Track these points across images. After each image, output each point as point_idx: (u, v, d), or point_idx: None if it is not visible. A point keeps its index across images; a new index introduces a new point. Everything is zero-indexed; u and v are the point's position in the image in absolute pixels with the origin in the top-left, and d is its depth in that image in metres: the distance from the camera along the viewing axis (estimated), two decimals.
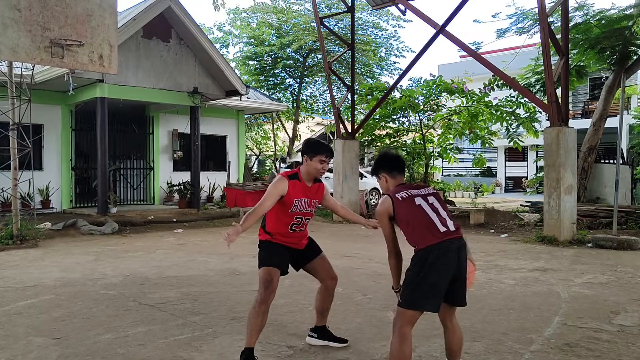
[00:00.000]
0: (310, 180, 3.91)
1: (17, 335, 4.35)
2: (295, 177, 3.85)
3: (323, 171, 3.86)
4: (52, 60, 7.60)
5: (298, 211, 3.81)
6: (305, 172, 3.87)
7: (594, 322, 4.66)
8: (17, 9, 7.18)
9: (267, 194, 3.73)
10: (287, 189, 3.75)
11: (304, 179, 3.87)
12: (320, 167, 3.82)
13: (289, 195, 3.75)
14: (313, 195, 3.91)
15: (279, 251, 3.84)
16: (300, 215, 3.84)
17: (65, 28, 7.63)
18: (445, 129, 15.67)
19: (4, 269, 7.27)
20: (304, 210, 3.84)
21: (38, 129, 13.17)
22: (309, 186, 3.89)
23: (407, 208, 3.28)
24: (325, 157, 3.82)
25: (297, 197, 3.78)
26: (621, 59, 13.70)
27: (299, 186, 3.82)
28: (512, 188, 29.37)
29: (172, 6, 13.03)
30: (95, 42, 7.98)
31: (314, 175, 3.87)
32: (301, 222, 3.87)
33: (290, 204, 3.77)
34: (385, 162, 3.55)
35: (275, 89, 24.83)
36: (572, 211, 9.79)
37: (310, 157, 3.83)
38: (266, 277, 3.68)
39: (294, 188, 3.78)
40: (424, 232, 3.21)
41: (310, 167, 3.83)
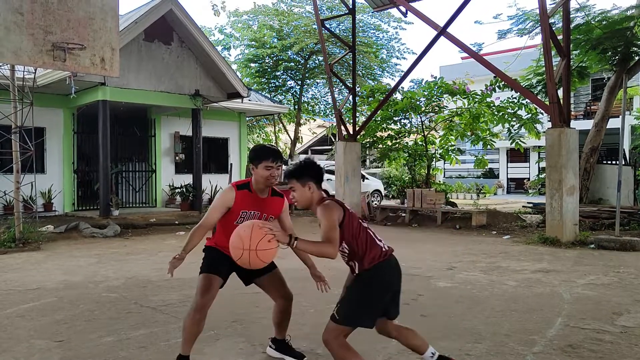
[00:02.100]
0: (265, 192, 3.57)
1: (19, 338, 4.35)
2: (245, 187, 3.54)
3: (272, 179, 3.47)
4: (54, 63, 7.63)
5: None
6: (255, 182, 3.53)
7: (596, 323, 4.64)
8: (20, 13, 7.20)
9: (212, 206, 3.50)
10: (235, 200, 3.46)
11: (256, 189, 3.53)
12: (267, 175, 3.44)
13: (235, 205, 3.46)
14: (266, 208, 3.56)
15: (221, 259, 3.56)
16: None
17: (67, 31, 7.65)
18: (447, 131, 15.67)
19: (6, 271, 7.28)
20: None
21: (40, 132, 13.21)
22: (262, 198, 3.56)
23: (355, 223, 3.17)
24: (272, 162, 3.44)
25: (244, 208, 3.48)
26: (623, 59, 13.69)
27: (248, 197, 3.51)
28: (514, 189, 29.32)
29: (174, 9, 13.06)
30: (97, 45, 8.01)
31: (263, 185, 3.51)
32: None
33: (236, 216, 3.47)
34: (315, 172, 3.22)
35: (276, 91, 24.85)
36: (574, 212, 9.78)
37: (255, 164, 3.48)
38: (204, 284, 3.48)
39: (242, 199, 3.48)
40: (372, 250, 3.16)
41: (257, 176, 3.49)
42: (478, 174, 29.96)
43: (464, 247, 9.53)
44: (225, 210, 3.48)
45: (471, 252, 9.00)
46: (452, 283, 6.47)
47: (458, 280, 6.59)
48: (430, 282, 6.50)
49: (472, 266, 7.61)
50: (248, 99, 16.06)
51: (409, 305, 5.34)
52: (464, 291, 6.01)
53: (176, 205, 15.42)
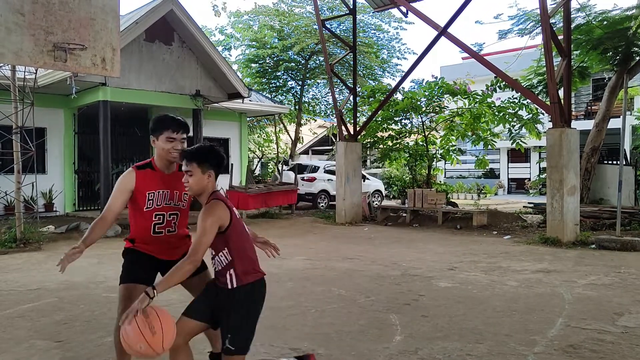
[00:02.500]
0: (170, 167, 3.20)
1: (19, 338, 4.35)
2: (147, 166, 3.18)
3: (175, 152, 3.11)
4: (55, 64, 7.63)
5: (156, 207, 3.12)
6: (157, 158, 3.18)
7: (597, 324, 4.64)
8: (21, 13, 7.21)
9: (112, 193, 3.11)
10: (136, 181, 3.08)
11: (159, 166, 3.18)
12: (169, 147, 3.09)
13: (138, 188, 3.08)
14: (176, 185, 3.15)
15: (141, 262, 3.15)
16: (160, 212, 3.14)
17: (68, 32, 7.65)
18: (448, 131, 15.66)
19: (7, 272, 7.29)
20: (165, 204, 3.15)
21: (41, 133, 13.22)
22: (169, 174, 3.18)
23: (241, 229, 2.87)
24: (174, 132, 3.10)
25: (150, 189, 3.10)
26: (624, 59, 13.68)
27: (152, 176, 3.13)
28: (515, 189, 29.31)
29: (174, 9, 13.07)
30: (98, 46, 8.01)
31: (166, 159, 3.14)
32: (164, 220, 3.15)
33: (143, 198, 3.09)
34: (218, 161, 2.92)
35: (277, 92, 24.85)
36: (575, 212, 9.77)
37: (156, 136, 3.12)
38: (124, 295, 3.08)
39: (145, 179, 3.11)
40: (252, 264, 2.86)
41: (158, 150, 3.13)
42: (479, 174, 29.96)
43: (465, 248, 9.52)
44: (127, 194, 3.08)
45: (472, 252, 8.99)
46: (453, 283, 6.46)
47: (459, 281, 6.58)
48: (431, 283, 6.49)
49: (473, 266, 7.61)
50: (249, 99, 16.07)
51: (410, 306, 5.34)
52: (464, 291, 6.00)
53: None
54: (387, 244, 10.01)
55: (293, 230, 12.35)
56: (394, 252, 8.97)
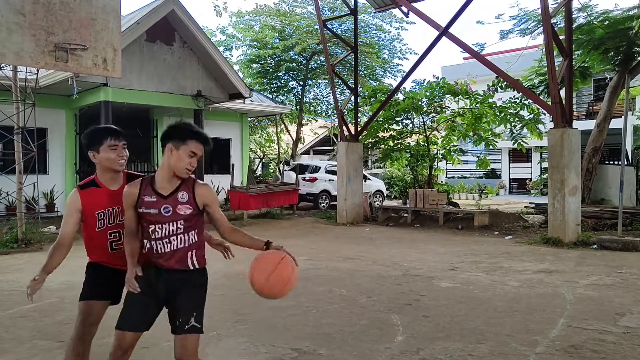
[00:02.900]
0: (116, 180, 3.06)
1: (22, 339, 4.36)
2: (90, 184, 3.03)
3: (121, 158, 3.05)
4: (56, 64, 7.62)
5: (108, 225, 3.01)
6: (101, 173, 3.05)
7: (599, 324, 4.63)
8: (22, 14, 7.21)
9: (63, 217, 3.04)
10: (81, 202, 2.96)
11: (104, 182, 3.05)
12: (114, 156, 3.01)
13: (86, 208, 2.97)
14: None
15: (102, 276, 3.15)
16: (115, 230, 3.03)
17: (69, 32, 7.65)
18: (449, 131, 15.66)
19: (9, 272, 7.30)
20: (118, 222, 3.01)
21: (42, 133, 13.23)
22: (116, 189, 3.01)
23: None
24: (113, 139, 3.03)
25: (98, 209, 2.98)
26: (625, 59, 13.67)
27: (97, 195, 3.00)
28: (517, 190, 29.29)
29: (176, 10, 13.08)
30: (99, 46, 8.01)
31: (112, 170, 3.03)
32: (121, 237, 3.02)
33: (93, 219, 2.98)
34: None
35: (278, 92, 24.85)
36: (576, 212, 9.76)
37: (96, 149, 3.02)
38: (83, 310, 3.08)
39: (91, 198, 2.98)
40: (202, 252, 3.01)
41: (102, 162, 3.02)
42: (480, 175, 29.95)
43: (466, 248, 9.52)
44: (77, 215, 2.98)
45: (473, 252, 8.99)
46: (454, 283, 6.46)
47: (460, 281, 6.58)
48: (432, 283, 6.49)
49: (474, 266, 7.60)
50: (250, 100, 16.08)
51: (412, 306, 5.34)
52: (466, 292, 6.00)
53: None
54: (388, 244, 10.01)
55: (294, 230, 12.35)
56: (396, 253, 8.97)
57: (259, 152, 27.51)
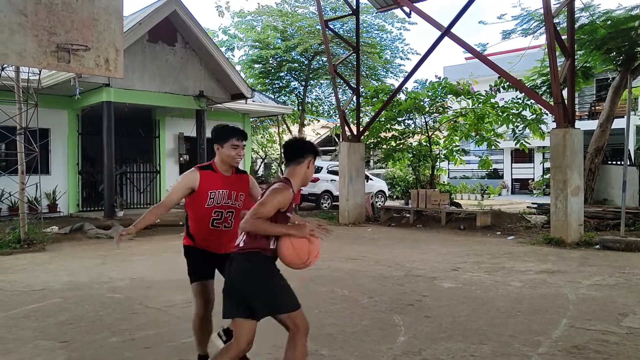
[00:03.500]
0: (229, 171, 3.56)
1: (25, 339, 4.36)
2: (208, 167, 3.55)
3: (238, 157, 3.52)
4: (58, 64, 7.64)
5: (216, 204, 3.47)
6: (219, 162, 3.55)
7: (602, 324, 4.62)
8: (24, 14, 7.23)
9: (174, 187, 3.52)
10: (199, 181, 3.44)
11: (221, 169, 3.54)
12: (234, 154, 3.48)
13: (201, 187, 3.44)
14: (234, 186, 3.53)
15: (204, 259, 3.54)
16: (219, 209, 3.48)
17: (71, 32, 7.67)
18: (451, 131, 15.64)
19: (11, 272, 7.31)
20: (224, 203, 3.49)
21: (45, 134, 13.25)
22: (228, 176, 3.54)
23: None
24: (238, 140, 3.52)
25: (212, 188, 3.45)
26: (627, 59, 13.64)
27: (214, 177, 3.49)
28: (519, 190, 29.24)
29: (178, 10, 13.09)
30: (102, 47, 8.02)
31: (228, 164, 3.53)
32: (222, 217, 3.49)
33: (204, 197, 3.45)
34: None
35: (280, 92, 24.85)
36: (579, 213, 9.74)
37: (221, 144, 3.52)
38: (198, 291, 3.52)
39: (208, 179, 3.47)
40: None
41: (222, 156, 3.51)
42: (482, 175, 29.91)
43: (469, 248, 9.50)
44: (187, 191, 3.44)
45: (476, 252, 8.98)
46: (456, 284, 6.45)
47: (462, 281, 6.57)
48: (434, 283, 6.48)
49: (476, 267, 7.59)
50: (252, 100, 16.08)
51: (414, 306, 5.34)
52: (468, 292, 5.99)
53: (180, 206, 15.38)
54: (390, 245, 10.00)
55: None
56: (397, 253, 8.96)
57: (261, 152, 27.52)
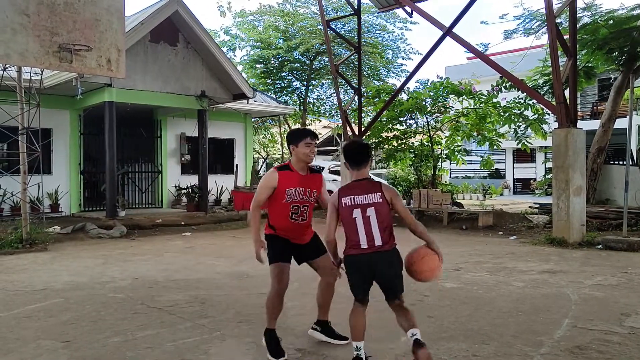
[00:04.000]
0: (304, 170, 3.98)
1: (26, 339, 4.36)
2: (285, 167, 3.97)
3: (312, 154, 3.94)
4: (60, 65, 7.66)
5: (293, 200, 3.90)
6: (295, 162, 3.96)
7: (604, 325, 4.61)
8: (26, 14, 7.24)
9: (259, 188, 3.96)
10: (278, 180, 3.87)
11: (297, 168, 3.96)
12: (308, 151, 3.91)
13: (280, 185, 3.87)
14: (309, 184, 3.98)
15: (284, 245, 3.99)
16: (296, 204, 3.92)
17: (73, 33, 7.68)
18: (453, 131, 15.62)
19: (13, 272, 7.31)
20: (300, 199, 3.93)
21: (47, 134, 13.27)
22: (304, 175, 3.97)
23: (345, 217, 3.57)
24: (310, 139, 3.93)
25: (289, 186, 3.88)
26: (630, 59, 13.61)
27: (290, 176, 3.92)
28: (521, 190, 29.21)
29: (180, 10, 13.10)
30: (103, 47, 8.03)
31: (304, 161, 3.94)
32: (299, 211, 3.95)
33: (283, 194, 3.87)
34: (346, 153, 3.71)
35: (282, 92, 24.86)
36: (581, 213, 9.72)
37: (296, 144, 3.92)
38: (277, 272, 3.89)
39: (285, 178, 3.89)
40: (348, 242, 3.58)
41: (299, 154, 3.92)
42: (484, 175, 29.88)
43: (471, 248, 9.50)
44: (271, 190, 3.90)
45: (477, 252, 8.97)
46: (458, 284, 6.44)
47: (464, 281, 6.56)
48: (436, 283, 6.47)
49: (478, 267, 7.58)
50: (254, 100, 16.09)
51: (415, 306, 5.32)
52: (470, 292, 5.99)
53: (182, 206, 15.45)
54: None
55: None
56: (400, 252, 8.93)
57: (263, 152, 27.52)
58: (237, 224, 13.72)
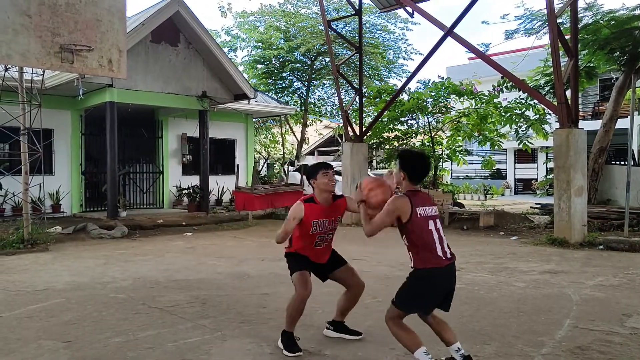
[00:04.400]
0: (328, 200, 4.20)
1: (28, 339, 4.37)
2: (310, 200, 4.20)
3: (331, 182, 4.16)
4: (62, 65, 7.66)
5: (318, 231, 4.15)
6: (318, 194, 4.19)
7: (605, 325, 4.61)
8: (27, 15, 7.25)
9: (287, 219, 4.16)
10: (304, 213, 4.09)
11: (320, 200, 4.18)
12: (327, 181, 4.14)
13: (306, 218, 4.09)
14: (332, 213, 4.23)
15: (304, 259, 4.19)
16: (321, 234, 4.18)
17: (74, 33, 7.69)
18: (454, 131, 15.62)
19: (15, 272, 7.32)
20: (324, 229, 4.18)
21: (48, 134, 13.27)
22: (327, 206, 4.19)
23: (421, 227, 3.48)
24: (325, 169, 4.19)
25: (314, 218, 4.11)
26: (631, 59, 13.60)
27: (315, 209, 4.14)
28: (522, 190, 29.19)
29: (181, 11, 13.10)
30: (105, 47, 8.04)
31: (327, 191, 4.17)
32: (324, 239, 4.23)
33: (309, 226, 4.10)
34: (414, 166, 3.60)
35: (283, 93, 24.85)
36: (582, 213, 9.72)
37: (315, 178, 4.17)
38: (302, 279, 4.03)
39: (311, 211, 4.12)
40: (428, 255, 3.47)
41: (320, 186, 4.15)
42: (485, 175, 29.85)
43: (472, 248, 9.49)
44: (298, 221, 4.09)
45: (479, 253, 8.96)
46: (459, 284, 6.38)
47: (466, 282, 6.56)
48: None
49: (479, 267, 7.58)
50: (255, 100, 16.09)
51: None
52: (471, 292, 5.98)
53: (183, 206, 15.46)
54: (393, 245, 9.94)
55: None
56: (401, 253, 8.89)
57: (264, 152, 27.52)
58: (238, 224, 13.72)
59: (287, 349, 3.94)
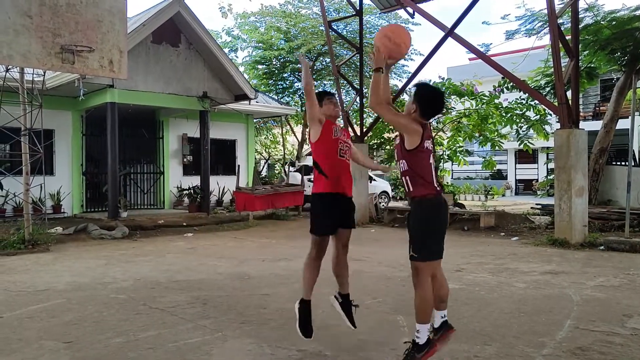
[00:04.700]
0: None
1: (29, 339, 4.37)
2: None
3: (337, 108, 4.36)
4: (62, 66, 7.68)
5: (339, 137, 4.23)
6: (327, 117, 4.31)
7: (606, 326, 4.61)
8: (28, 16, 7.26)
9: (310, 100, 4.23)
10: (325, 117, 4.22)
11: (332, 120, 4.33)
12: (332, 107, 4.30)
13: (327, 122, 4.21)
14: (343, 131, 4.38)
15: (331, 211, 4.17)
16: (342, 141, 4.24)
17: (75, 34, 7.70)
18: (455, 132, 15.62)
19: (16, 273, 7.33)
20: (342, 137, 4.27)
21: (49, 135, 13.28)
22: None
23: (424, 159, 3.50)
24: (329, 95, 4.40)
25: (332, 124, 4.24)
26: (632, 60, 13.60)
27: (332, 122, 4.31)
28: (523, 191, 29.20)
29: (181, 11, 13.12)
30: (105, 48, 8.06)
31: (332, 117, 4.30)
32: (344, 149, 4.26)
33: (330, 131, 4.19)
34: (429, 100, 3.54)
35: (284, 93, 24.86)
36: (583, 213, 9.71)
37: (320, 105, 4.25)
38: (318, 243, 4.15)
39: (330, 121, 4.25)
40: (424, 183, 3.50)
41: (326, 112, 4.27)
42: (486, 175, 29.86)
43: (472, 249, 9.49)
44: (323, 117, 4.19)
45: (479, 253, 8.96)
46: (460, 285, 6.44)
47: (466, 282, 6.56)
48: None
49: (480, 268, 7.58)
50: (255, 101, 16.10)
51: None
52: (472, 293, 5.98)
53: (184, 206, 15.47)
54: (393, 246, 9.98)
55: (300, 231, 12.33)
56: (401, 254, 8.90)
57: (265, 153, 27.52)
58: (238, 224, 13.72)
59: (300, 326, 4.04)
